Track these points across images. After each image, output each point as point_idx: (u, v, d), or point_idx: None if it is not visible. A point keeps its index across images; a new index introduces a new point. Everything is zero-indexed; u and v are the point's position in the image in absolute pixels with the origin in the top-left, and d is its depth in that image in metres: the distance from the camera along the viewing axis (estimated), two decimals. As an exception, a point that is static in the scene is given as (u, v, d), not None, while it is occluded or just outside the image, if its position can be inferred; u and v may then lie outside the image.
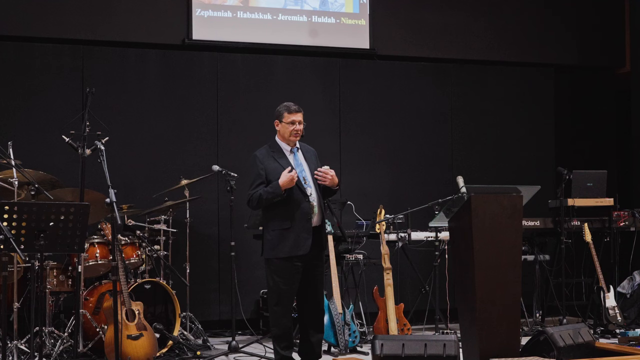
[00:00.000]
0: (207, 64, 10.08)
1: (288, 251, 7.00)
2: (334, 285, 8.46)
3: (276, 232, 7.03)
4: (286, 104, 7.28)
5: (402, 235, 9.31)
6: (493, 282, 6.75)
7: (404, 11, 10.79)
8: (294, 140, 7.27)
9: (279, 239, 7.01)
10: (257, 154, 7.22)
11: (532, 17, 11.28)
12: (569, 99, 11.52)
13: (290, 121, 7.21)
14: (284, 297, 7.06)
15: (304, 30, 10.39)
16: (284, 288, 7.05)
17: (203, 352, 8.29)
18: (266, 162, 7.14)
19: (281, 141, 7.28)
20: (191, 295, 8.92)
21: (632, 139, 10.83)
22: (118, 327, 6.73)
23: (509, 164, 10.97)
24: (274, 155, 7.19)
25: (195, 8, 9.94)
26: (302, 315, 7.26)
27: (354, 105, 10.57)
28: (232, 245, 8.52)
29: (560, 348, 6.73)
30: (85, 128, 7.32)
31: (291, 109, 7.24)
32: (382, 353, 6.60)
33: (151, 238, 8.73)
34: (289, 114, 7.22)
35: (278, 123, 7.26)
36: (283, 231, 7.01)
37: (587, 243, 9.80)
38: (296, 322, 7.64)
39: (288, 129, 7.21)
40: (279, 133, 7.28)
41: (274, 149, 7.23)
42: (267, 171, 7.10)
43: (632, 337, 8.88)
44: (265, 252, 7.12)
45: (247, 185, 7.24)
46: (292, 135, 7.23)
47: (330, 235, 8.74)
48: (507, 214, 6.88)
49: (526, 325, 9.69)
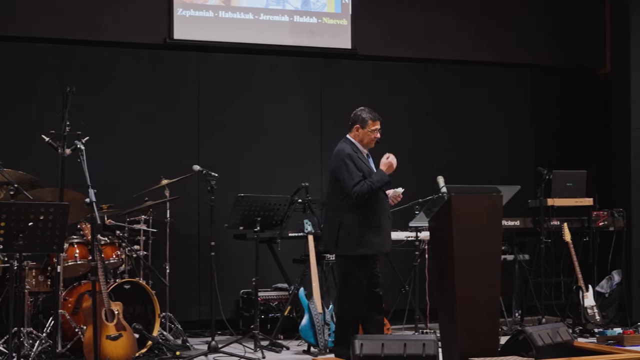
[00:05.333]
0: (189, 64, 10.06)
1: (377, 248, 7.33)
2: (314, 285, 8.47)
3: (366, 230, 7.28)
4: (369, 110, 7.59)
5: (382, 236, 9.32)
6: (473, 281, 6.77)
7: (386, 11, 10.80)
8: (371, 147, 7.59)
9: (370, 236, 7.28)
10: (349, 152, 7.45)
11: (513, 18, 11.30)
12: (550, 99, 11.55)
13: (373, 129, 7.52)
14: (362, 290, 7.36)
15: (286, 30, 10.38)
16: (362, 281, 7.34)
17: (182, 352, 8.28)
18: (357, 161, 7.41)
19: (358, 143, 7.55)
20: (171, 296, 8.90)
21: (612, 139, 10.87)
22: (97, 328, 6.71)
23: (490, 163, 10.98)
24: (359, 155, 7.48)
25: (177, 8, 9.92)
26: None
27: (336, 105, 10.56)
28: (212, 245, 8.52)
29: (539, 347, 6.76)
30: (66, 128, 7.31)
31: (375, 117, 7.55)
32: (361, 353, 6.60)
33: (131, 238, 8.71)
34: (373, 122, 7.54)
35: (359, 128, 7.54)
36: (374, 228, 7.29)
37: (566, 243, 9.85)
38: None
39: (370, 136, 7.54)
40: (357, 137, 7.57)
41: (356, 150, 7.51)
42: (361, 170, 7.38)
43: (610, 337, 8.92)
44: (350, 249, 7.32)
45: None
46: (370, 142, 7.56)
47: (310, 235, 8.77)
48: (487, 213, 6.91)
49: (505, 325, 9.73)
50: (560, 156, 11.15)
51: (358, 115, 7.56)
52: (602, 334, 9.07)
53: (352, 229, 7.32)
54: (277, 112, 10.36)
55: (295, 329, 8.82)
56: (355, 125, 7.56)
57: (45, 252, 7.60)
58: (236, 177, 9.86)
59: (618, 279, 10.33)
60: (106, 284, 7.65)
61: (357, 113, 7.58)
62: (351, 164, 7.37)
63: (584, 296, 9.68)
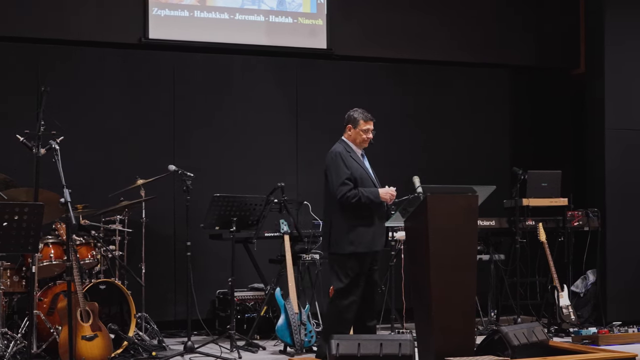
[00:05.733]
0: (164, 64, 10.04)
1: (368, 246, 7.33)
2: (290, 285, 8.47)
3: (356, 228, 7.32)
4: (361, 110, 7.66)
5: (358, 235, 9.34)
6: (448, 281, 6.79)
7: (361, 11, 10.81)
8: (364, 147, 7.64)
9: (361, 234, 7.31)
10: (340, 151, 7.54)
11: (489, 18, 11.33)
12: (525, 99, 11.60)
13: (365, 129, 7.59)
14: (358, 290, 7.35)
15: (262, 30, 10.37)
16: (357, 280, 7.34)
17: (158, 352, 8.25)
18: (348, 160, 7.46)
19: (352, 143, 7.61)
20: (147, 296, 8.87)
21: (587, 140, 10.92)
22: (72, 328, 6.68)
23: (465, 163, 11.01)
24: (351, 155, 7.53)
25: (152, 7, 9.89)
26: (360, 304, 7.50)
27: (312, 105, 10.58)
28: (188, 245, 8.49)
29: (515, 347, 6.79)
30: (40, 127, 7.26)
31: (367, 117, 7.63)
32: (338, 353, 6.61)
33: (106, 238, 8.68)
34: (365, 122, 7.60)
35: (351, 128, 7.62)
36: (365, 227, 7.32)
37: (541, 243, 9.90)
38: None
39: (362, 136, 7.60)
40: (350, 137, 7.64)
41: (348, 150, 7.57)
42: (351, 169, 7.44)
43: (585, 336, 8.97)
44: (341, 247, 7.36)
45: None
46: (363, 142, 7.62)
47: (286, 235, 8.76)
48: (463, 214, 6.93)
49: (481, 325, 9.76)
50: (535, 156, 11.20)
51: (350, 115, 7.65)
52: (577, 334, 9.11)
53: (343, 228, 7.37)
54: (253, 112, 10.35)
55: (271, 329, 8.82)
56: (348, 125, 7.64)
57: (20, 252, 7.55)
58: (212, 177, 9.84)
59: (593, 279, 10.38)
60: (81, 284, 7.62)
61: (350, 113, 7.67)
62: (340, 162, 7.44)
63: (559, 296, 9.72)
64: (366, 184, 7.45)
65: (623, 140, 10.50)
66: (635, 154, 10.53)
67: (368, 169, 7.58)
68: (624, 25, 10.61)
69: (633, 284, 10.42)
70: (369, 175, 7.53)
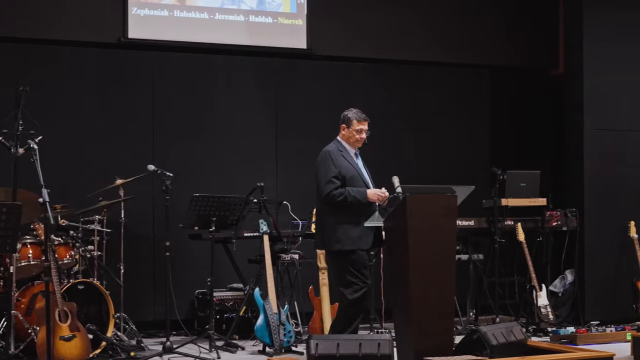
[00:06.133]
0: (144, 63, 10.01)
1: (356, 244, 7.34)
2: (269, 285, 8.47)
3: (344, 226, 7.33)
4: (356, 111, 7.68)
5: (338, 235, 9.35)
6: (427, 281, 6.80)
7: (341, 11, 10.81)
8: (357, 147, 7.67)
9: (349, 232, 7.32)
10: (330, 150, 7.56)
11: (468, 18, 11.35)
12: (505, 99, 11.62)
13: (358, 129, 7.61)
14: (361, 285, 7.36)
15: (241, 30, 10.36)
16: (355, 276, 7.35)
17: (137, 352, 8.23)
18: (338, 158, 7.49)
19: (345, 143, 7.64)
20: (125, 296, 8.85)
21: (565, 140, 10.96)
22: (50, 329, 6.66)
23: (445, 163, 11.03)
24: (342, 154, 7.55)
25: (132, 6, 9.86)
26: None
27: (292, 105, 10.58)
28: (167, 245, 8.47)
29: (493, 346, 6.81)
30: (19, 127, 7.24)
31: (360, 118, 7.65)
32: (317, 353, 6.62)
33: (85, 238, 8.65)
34: (358, 122, 7.63)
35: (345, 127, 7.66)
36: (354, 225, 7.31)
37: (520, 242, 9.93)
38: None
39: (355, 136, 7.63)
40: (344, 136, 7.67)
41: (341, 149, 7.61)
42: (340, 167, 7.44)
43: (563, 335, 9.01)
44: (331, 245, 7.42)
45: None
46: (356, 142, 7.65)
47: (266, 235, 8.76)
48: (442, 214, 6.94)
49: (460, 324, 9.78)
50: (514, 156, 11.23)
51: (345, 115, 7.68)
52: (555, 333, 9.15)
53: (331, 226, 7.40)
54: (233, 112, 10.33)
55: (250, 329, 8.81)
56: (342, 125, 7.67)
57: (-3, 252, 7.53)
58: (191, 177, 9.83)
59: (571, 279, 10.42)
60: (60, 284, 7.59)
61: (345, 113, 7.69)
62: (329, 161, 7.47)
63: (537, 295, 9.76)
64: (357, 183, 7.46)
65: (602, 140, 10.55)
66: (613, 155, 10.59)
67: (361, 168, 7.60)
68: (602, 26, 10.65)
69: (611, 284, 10.47)
70: (360, 174, 7.54)
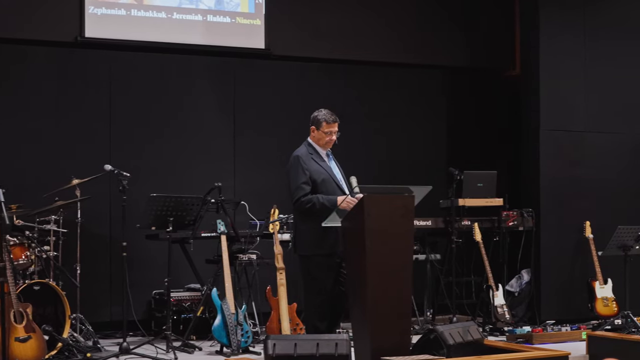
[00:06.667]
0: (100, 63, 9.95)
1: (329, 248, 7.29)
2: (227, 285, 8.45)
3: (317, 230, 7.25)
4: (325, 112, 7.61)
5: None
6: (385, 281, 6.80)
7: (299, 12, 10.82)
8: (327, 148, 7.61)
9: (321, 237, 7.27)
10: (299, 154, 7.50)
11: (425, 19, 11.40)
12: (462, 100, 11.68)
13: (328, 131, 7.55)
14: (324, 292, 7.36)
15: (199, 29, 10.33)
16: (325, 282, 7.35)
17: (93, 353, 8.18)
18: (308, 162, 7.44)
19: (316, 144, 7.58)
20: (82, 297, 8.79)
21: (522, 140, 11.04)
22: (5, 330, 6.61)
23: (402, 164, 11.07)
24: (312, 156, 7.49)
25: (88, 5, 9.79)
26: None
27: (249, 105, 10.56)
28: (124, 245, 8.42)
29: (450, 346, 6.83)
30: (-28, 126, 7.19)
31: (330, 119, 7.58)
32: (274, 353, 6.60)
33: (41, 238, 8.58)
34: (327, 124, 7.55)
35: (314, 129, 7.59)
36: (323, 230, 7.24)
37: (477, 242, 9.99)
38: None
39: (324, 138, 7.57)
40: (314, 138, 7.61)
41: (311, 151, 7.55)
42: (310, 171, 7.40)
43: (519, 335, 9.07)
44: (305, 249, 7.40)
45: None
46: (326, 144, 7.59)
47: (223, 235, 8.74)
48: (400, 214, 6.94)
49: (417, 324, 9.82)
50: (471, 157, 11.28)
51: (314, 116, 7.61)
52: (511, 332, 9.21)
53: (303, 230, 7.40)
54: (191, 112, 10.31)
55: (208, 329, 8.79)
56: (312, 126, 7.62)
57: (-49, 253, 7.45)
58: (148, 177, 9.79)
59: (527, 278, 10.50)
60: (15, 285, 7.51)
61: (314, 114, 7.63)
62: (298, 166, 7.41)
63: (494, 295, 9.82)
64: (329, 186, 7.43)
65: (557, 141, 10.64)
66: (568, 154, 10.69)
67: (332, 170, 7.56)
68: (558, 26, 10.75)
69: (566, 284, 10.57)
70: (332, 177, 7.51)
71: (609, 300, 10.09)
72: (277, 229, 8.93)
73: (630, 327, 9.27)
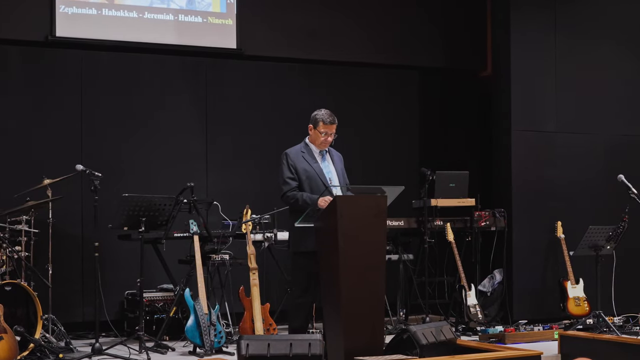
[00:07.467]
0: (71, 62, 9.91)
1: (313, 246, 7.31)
2: (199, 285, 8.42)
3: (303, 228, 7.31)
4: (324, 112, 7.69)
5: (268, 236, 9.37)
6: (358, 281, 6.82)
7: (271, 12, 10.81)
8: (322, 148, 7.71)
9: (307, 235, 7.30)
10: (289, 152, 7.64)
11: (398, 19, 11.42)
12: (434, 100, 11.72)
13: (323, 132, 7.61)
14: (307, 289, 7.46)
15: (171, 29, 10.30)
16: (308, 280, 7.43)
17: (65, 354, 8.14)
18: (296, 160, 7.57)
19: (311, 143, 7.68)
20: (53, 297, 8.74)
21: (493, 141, 11.08)
22: (-24, 331, 6.57)
23: (374, 164, 11.08)
24: (304, 155, 7.63)
25: (59, 4, 9.75)
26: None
27: (221, 105, 10.54)
28: (96, 246, 8.38)
29: (423, 346, 6.85)
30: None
31: (327, 120, 7.65)
32: (247, 353, 6.60)
33: (12, 239, 8.53)
34: (324, 124, 7.63)
35: (312, 128, 7.68)
36: (309, 227, 7.26)
37: (449, 242, 10.01)
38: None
39: (320, 138, 7.65)
40: (310, 137, 7.70)
41: (304, 149, 7.65)
42: (297, 169, 7.54)
43: (492, 335, 9.10)
44: (293, 247, 7.54)
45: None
46: (322, 144, 7.67)
47: (196, 235, 8.72)
48: (372, 214, 6.96)
49: (390, 324, 9.84)
50: (443, 157, 11.31)
51: (313, 115, 7.70)
52: (484, 332, 9.24)
53: (292, 227, 7.47)
54: (162, 112, 10.28)
55: (181, 330, 8.76)
56: (309, 125, 7.70)
57: None
58: (120, 177, 9.76)
59: (499, 278, 10.53)
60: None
61: (314, 113, 7.71)
62: (284, 162, 7.57)
63: (466, 295, 9.84)
64: (314, 184, 7.51)
65: (529, 141, 10.68)
66: (540, 155, 10.73)
67: (323, 169, 7.63)
68: (529, 27, 10.79)
69: (538, 283, 10.61)
70: (318, 175, 7.56)
71: (580, 300, 10.14)
72: (250, 229, 8.92)
73: (601, 327, 9.32)
